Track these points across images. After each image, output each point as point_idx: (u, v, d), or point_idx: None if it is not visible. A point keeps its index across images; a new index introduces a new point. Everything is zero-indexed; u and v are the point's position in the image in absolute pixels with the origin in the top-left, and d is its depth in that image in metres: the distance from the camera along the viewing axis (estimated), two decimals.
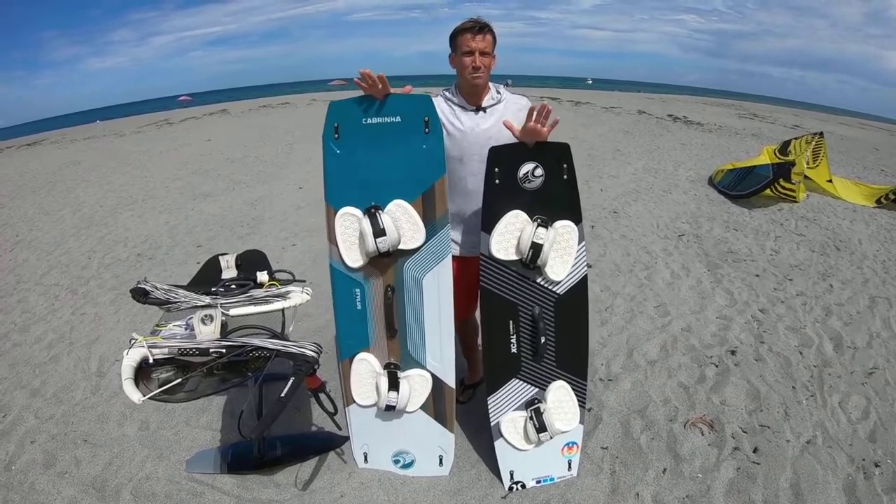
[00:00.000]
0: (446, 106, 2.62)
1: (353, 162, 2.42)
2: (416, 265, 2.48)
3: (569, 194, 2.50)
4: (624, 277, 5.22)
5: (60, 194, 10.15)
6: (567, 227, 2.46)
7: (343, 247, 2.44)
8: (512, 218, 2.43)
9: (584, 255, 2.55)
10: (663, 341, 4.05)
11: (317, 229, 6.87)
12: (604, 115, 19.40)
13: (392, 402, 2.55)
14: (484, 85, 2.55)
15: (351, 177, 2.43)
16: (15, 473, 2.98)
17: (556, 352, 2.59)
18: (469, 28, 2.44)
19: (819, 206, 7.78)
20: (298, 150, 12.74)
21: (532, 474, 2.73)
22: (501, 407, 2.64)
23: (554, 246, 2.41)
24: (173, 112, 30.62)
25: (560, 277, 2.50)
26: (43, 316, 4.96)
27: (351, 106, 2.40)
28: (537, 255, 2.38)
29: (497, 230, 2.44)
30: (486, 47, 2.46)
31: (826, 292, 4.93)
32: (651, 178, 9.42)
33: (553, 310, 2.55)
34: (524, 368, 2.60)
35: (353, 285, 2.51)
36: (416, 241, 2.43)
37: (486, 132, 2.55)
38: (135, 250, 6.61)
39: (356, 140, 2.42)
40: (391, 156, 2.40)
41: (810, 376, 3.63)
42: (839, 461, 2.87)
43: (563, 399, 2.62)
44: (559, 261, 2.47)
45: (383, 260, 2.45)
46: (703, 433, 3.07)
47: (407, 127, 2.37)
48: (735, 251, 5.92)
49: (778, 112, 27.17)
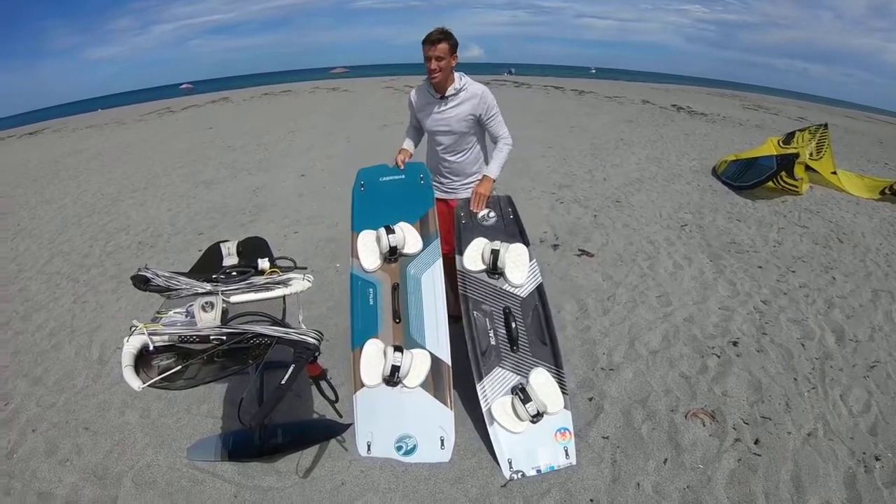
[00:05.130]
0: (418, 95, 3.47)
1: (372, 203, 3.51)
2: (416, 267, 3.26)
3: (516, 227, 3.45)
4: (626, 267, 5.20)
5: (62, 183, 10.14)
6: (518, 246, 3.30)
7: (363, 255, 3.26)
8: (477, 242, 3.34)
9: (537, 269, 3.31)
10: (665, 331, 4.04)
11: (319, 217, 6.88)
12: (607, 105, 19.32)
13: (396, 363, 2.86)
14: (443, 80, 3.25)
15: (370, 212, 3.44)
16: (17, 461, 2.99)
17: (528, 343, 3.08)
18: (427, 39, 3.14)
19: (822, 199, 7.74)
20: (300, 138, 12.72)
21: (531, 463, 2.77)
22: (490, 393, 2.93)
23: (509, 259, 3.23)
24: (175, 100, 30.54)
25: (519, 282, 3.22)
26: (44, 304, 4.96)
27: (373, 171, 3.64)
28: (496, 259, 3.19)
29: (467, 251, 3.32)
30: (441, 54, 3.13)
31: (829, 285, 4.92)
32: (654, 167, 9.37)
33: (520, 308, 3.18)
34: (504, 358, 3.03)
35: (368, 286, 3.22)
36: (416, 247, 3.29)
37: (443, 117, 3.36)
38: (136, 238, 6.61)
39: (375, 190, 3.57)
40: (398, 198, 3.49)
41: (812, 368, 3.62)
42: (840, 454, 2.86)
43: (543, 382, 2.93)
44: (516, 269, 3.23)
45: (391, 264, 3.27)
46: (705, 424, 3.07)
47: (409, 181, 3.55)
48: (738, 242, 5.89)
49: (782, 104, 27.06)
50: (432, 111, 3.37)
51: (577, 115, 15.67)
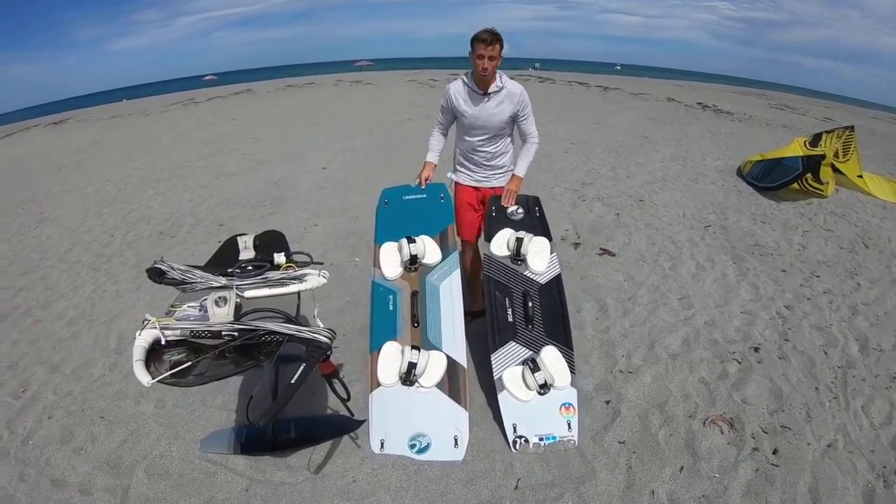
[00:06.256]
0: (462, 88, 3.55)
1: (394, 219, 3.72)
2: (435, 276, 3.43)
3: (541, 224, 3.79)
4: (648, 267, 5.13)
5: (85, 172, 10.27)
6: (541, 239, 3.62)
7: (384, 264, 3.45)
8: (503, 232, 3.67)
9: (556, 262, 3.60)
10: (686, 334, 3.97)
11: (339, 210, 6.88)
12: (632, 102, 19.09)
13: (413, 360, 2.95)
14: (491, 78, 3.41)
15: (392, 227, 3.63)
16: (32, 448, 3.02)
17: (543, 323, 3.30)
18: (483, 39, 3.26)
19: (848, 202, 7.55)
20: (323, 131, 12.73)
21: (535, 430, 2.89)
22: (503, 362, 3.14)
23: (531, 248, 3.53)
24: (199, 91, 30.83)
25: (540, 269, 3.51)
26: (65, 293, 5.02)
27: (396, 190, 3.90)
28: (519, 246, 3.50)
29: (495, 239, 3.66)
30: (494, 54, 3.30)
31: (853, 291, 4.80)
32: (678, 166, 9.23)
33: (538, 294, 3.42)
34: (519, 333, 3.25)
35: (388, 293, 3.36)
36: (435, 258, 3.50)
37: (487, 111, 3.51)
38: (157, 228, 6.66)
39: (398, 208, 3.81)
40: (419, 214, 3.73)
41: (834, 377, 3.53)
42: (859, 467, 2.79)
43: (553, 358, 3.10)
44: (537, 258, 3.53)
45: (411, 273, 3.45)
46: (723, 432, 3.00)
47: (430, 199, 3.81)
48: (762, 244, 5.78)
49: (809, 104, 26.51)
50: (474, 105, 3.53)
51: (602, 112, 15.53)
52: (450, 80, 3.75)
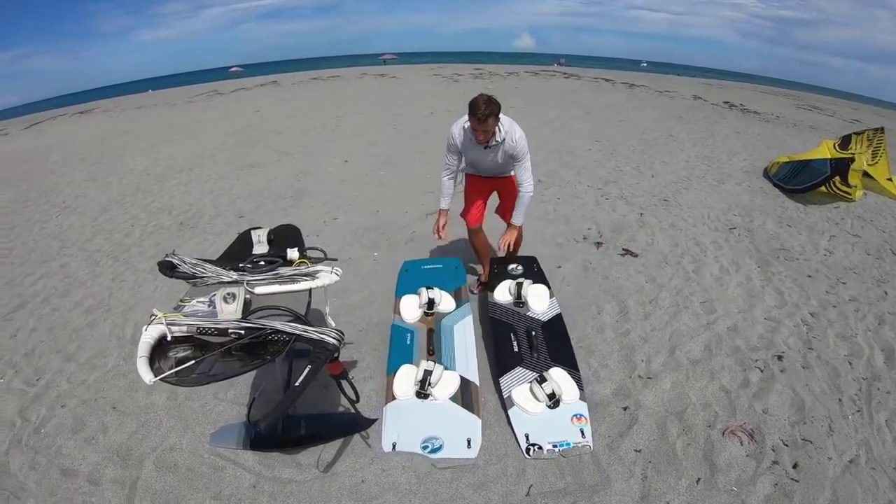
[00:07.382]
0: (462, 137, 3.75)
1: (414, 280, 4.19)
2: (449, 320, 3.80)
3: (539, 277, 4.18)
4: (671, 269, 5.02)
5: (109, 162, 10.37)
6: (540, 286, 4.01)
7: (404, 311, 3.80)
8: (506, 282, 4.06)
9: (557, 304, 3.92)
10: (707, 340, 3.87)
11: (360, 204, 6.87)
12: (658, 99, 18.81)
13: (429, 368, 3.11)
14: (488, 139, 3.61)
15: (412, 285, 4.07)
16: (44, 436, 3.03)
17: (548, 351, 3.48)
18: (477, 117, 3.40)
19: (877, 207, 7.31)
20: (346, 124, 12.74)
21: (548, 438, 2.85)
22: (511, 384, 3.21)
23: (531, 292, 3.91)
24: (224, 83, 31.02)
25: (541, 310, 3.83)
26: (83, 281, 5.06)
27: (415, 262, 4.61)
28: (520, 289, 3.89)
29: (497, 288, 4.04)
30: (487, 128, 3.48)
31: (880, 299, 4.63)
32: (704, 166, 9.05)
33: (541, 329, 3.68)
34: (525, 360, 3.40)
35: (406, 332, 3.68)
36: (450, 307, 3.90)
37: (488, 159, 3.81)
38: (178, 219, 6.70)
39: (417, 273, 4.37)
40: (436, 278, 4.21)
41: (858, 389, 3.41)
42: (881, 484, 2.68)
43: (561, 377, 3.18)
44: (537, 300, 3.87)
45: (428, 317, 3.82)
46: (742, 443, 2.91)
47: (445, 269, 4.44)
48: (787, 248, 5.63)
49: (836, 104, 25.93)
50: (476, 152, 3.80)
51: (627, 109, 15.31)
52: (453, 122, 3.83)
